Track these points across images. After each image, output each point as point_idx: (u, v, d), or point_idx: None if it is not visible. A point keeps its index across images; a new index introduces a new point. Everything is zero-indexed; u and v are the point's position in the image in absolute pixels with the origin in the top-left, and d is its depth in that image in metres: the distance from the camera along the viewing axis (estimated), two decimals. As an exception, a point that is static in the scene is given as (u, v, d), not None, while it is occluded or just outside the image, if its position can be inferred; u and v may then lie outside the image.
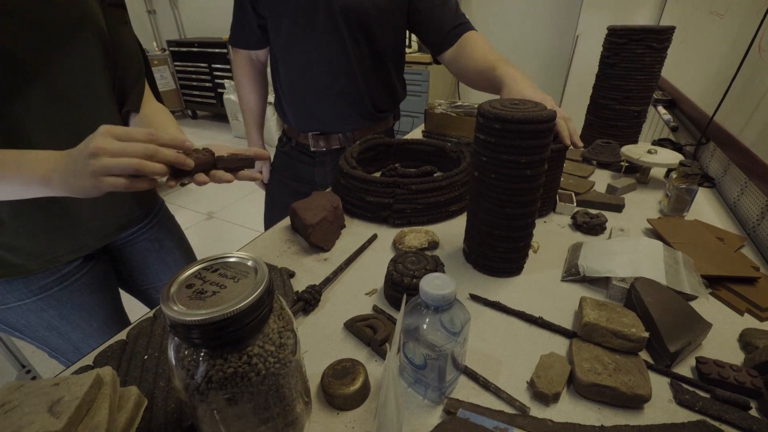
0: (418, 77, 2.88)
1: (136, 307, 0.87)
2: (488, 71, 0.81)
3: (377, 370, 0.47)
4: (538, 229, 0.74)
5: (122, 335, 0.52)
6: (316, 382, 0.45)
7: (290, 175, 1.10)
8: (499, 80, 0.77)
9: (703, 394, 0.43)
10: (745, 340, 0.49)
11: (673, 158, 0.87)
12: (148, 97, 0.73)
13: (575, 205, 0.80)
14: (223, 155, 0.54)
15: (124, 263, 0.82)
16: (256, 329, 0.30)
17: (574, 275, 0.60)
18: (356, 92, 0.95)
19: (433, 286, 0.38)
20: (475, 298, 0.57)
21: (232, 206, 2.72)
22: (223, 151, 0.59)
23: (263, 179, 1.17)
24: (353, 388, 0.42)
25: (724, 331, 0.52)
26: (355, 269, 0.65)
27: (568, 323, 0.53)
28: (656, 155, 0.87)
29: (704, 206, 0.83)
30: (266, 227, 1.09)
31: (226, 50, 3.75)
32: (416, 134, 1.29)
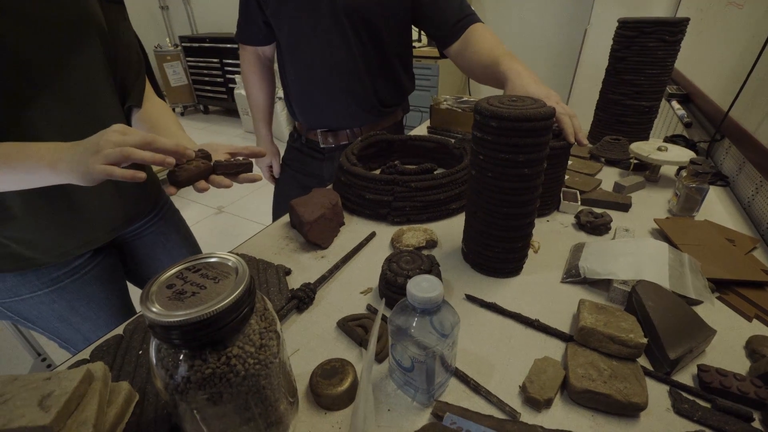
0: (427, 72, 2.85)
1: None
2: (492, 66, 0.79)
3: (367, 370, 0.46)
4: (540, 228, 0.73)
5: (119, 330, 0.53)
6: (306, 380, 0.45)
7: (300, 170, 1.11)
8: (503, 75, 0.75)
9: (703, 403, 0.42)
10: (751, 347, 0.47)
11: (684, 156, 0.84)
12: (148, 92, 0.74)
13: (579, 203, 0.78)
14: (221, 161, 0.55)
15: (131, 256, 0.84)
16: (235, 330, 0.30)
17: (574, 277, 0.59)
18: (362, 89, 0.95)
19: (420, 288, 0.37)
20: (471, 298, 0.56)
21: (241, 201, 2.74)
22: (221, 151, 0.60)
23: (274, 173, 1.17)
24: (341, 388, 0.41)
25: (729, 337, 0.50)
26: (351, 267, 0.64)
27: (566, 326, 0.52)
28: (666, 152, 0.85)
29: (716, 206, 0.80)
30: (274, 221, 1.10)
31: (236, 46, 3.74)
32: (422, 130, 1.28)
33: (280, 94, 1.20)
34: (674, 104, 1.28)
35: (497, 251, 0.59)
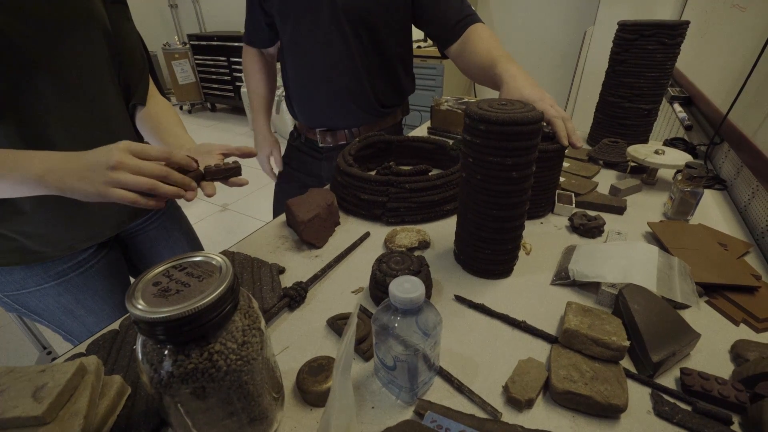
0: (432, 71, 2.84)
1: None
2: (489, 68, 0.79)
3: (353, 368, 0.47)
4: (534, 230, 0.73)
5: (115, 325, 0.54)
6: (294, 377, 0.46)
7: (299, 168, 1.12)
8: (499, 78, 0.76)
9: (684, 406, 0.42)
10: (736, 351, 0.47)
11: (681, 159, 0.83)
12: (152, 91, 0.75)
13: (574, 206, 0.78)
14: (210, 166, 0.56)
15: (135, 251, 0.86)
16: (217, 327, 0.31)
17: (563, 279, 0.59)
18: (361, 89, 0.95)
19: (401, 289, 0.38)
20: (460, 299, 0.57)
21: (246, 198, 2.77)
22: (215, 151, 0.61)
23: (275, 165, 1.15)
24: (326, 385, 0.42)
25: (715, 341, 0.50)
26: (344, 267, 0.65)
27: (553, 328, 0.52)
28: (663, 156, 0.84)
29: (713, 209, 0.79)
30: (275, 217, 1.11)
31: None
32: (423, 131, 1.29)
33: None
34: (676, 107, 1.27)
35: (487, 253, 0.59)
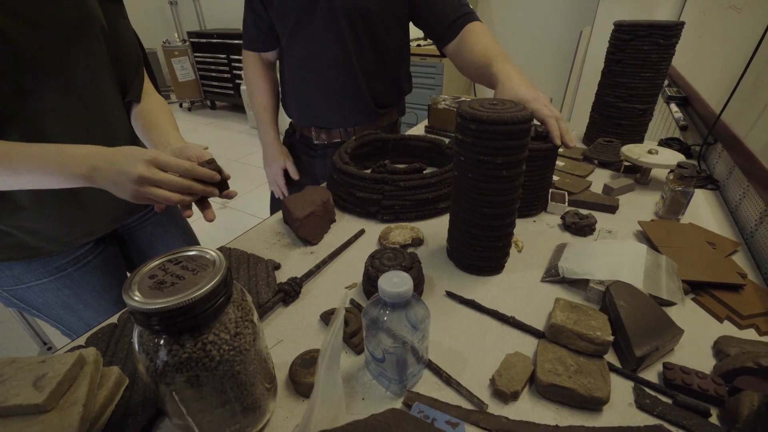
0: (431, 70, 2.84)
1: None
2: (485, 67, 0.80)
3: (345, 361, 0.49)
4: (526, 228, 0.74)
5: (114, 319, 0.56)
6: (287, 369, 0.47)
7: (295, 164, 1.12)
8: (494, 77, 0.76)
9: (665, 399, 0.43)
10: (718, 347, 0.49)
11: (674, 159, 0.84)
12: (147, 88, 0.76)
13: (567, 204, 0.79)
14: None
15: (132, 247, 0.87)
16: (211, 318, 0.32)
17: (553, 276, 0.60)
18: (357, 89, 0.96)
19: (390, 284, 0.39)
20: (450, 295, 0.58)
21: (245, 196, 2.78)
22: (192, 159, 0.61)
23: (293, 175, 1.09)
24: (318, 377, 0.44)
25: (699, 337, 0.51)
26: (338, 263, 0.67)
27: (541, 324, 0.53)
28: (657, 155, 0.85)
29: (704, 209, 0.81)
30: (272, 215, 1.11)
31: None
32: (420, 129, 1.30)
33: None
34: (672, 107, 1.28)
35: (479, 250, 0.60)
